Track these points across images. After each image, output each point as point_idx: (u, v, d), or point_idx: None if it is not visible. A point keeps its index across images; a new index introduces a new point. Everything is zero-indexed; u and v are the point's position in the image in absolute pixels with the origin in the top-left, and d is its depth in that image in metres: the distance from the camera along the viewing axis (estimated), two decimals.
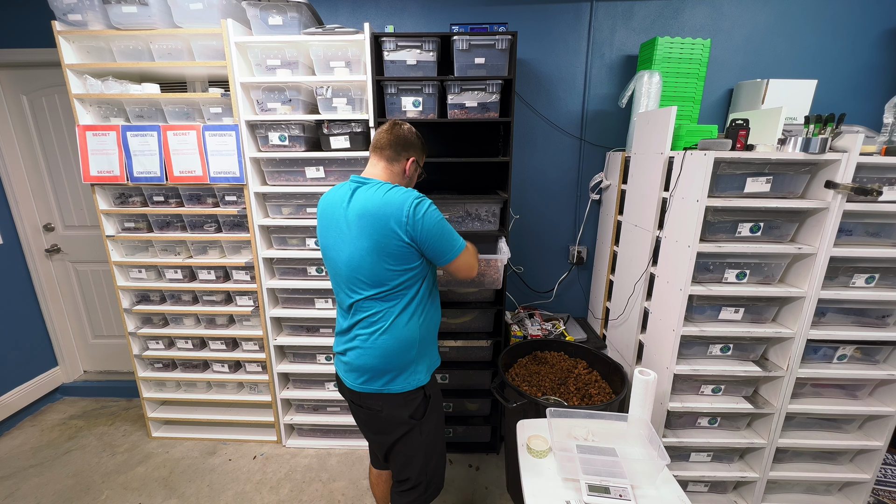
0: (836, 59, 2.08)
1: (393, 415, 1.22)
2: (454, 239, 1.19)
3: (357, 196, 1.15)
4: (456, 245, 1.18)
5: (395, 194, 1.12)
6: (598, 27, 2.10)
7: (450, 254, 1.17)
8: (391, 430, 1.25)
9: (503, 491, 1.93)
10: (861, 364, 1.61)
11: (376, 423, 1.27)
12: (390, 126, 1.22)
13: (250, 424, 2.32)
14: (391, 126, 1.22)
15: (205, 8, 1.71)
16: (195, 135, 1.83)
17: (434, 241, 1.14)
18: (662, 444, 1.20)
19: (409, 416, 1.22)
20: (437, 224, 1.13)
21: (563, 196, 2.34)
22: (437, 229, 1.13)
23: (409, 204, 1.10)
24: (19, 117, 2.37)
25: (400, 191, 1.13)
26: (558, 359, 1.97)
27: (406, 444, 1.26)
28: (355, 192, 1.16)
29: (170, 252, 2.10)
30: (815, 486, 1.79)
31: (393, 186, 1.15)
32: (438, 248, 1.15)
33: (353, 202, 1.15)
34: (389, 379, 1.19)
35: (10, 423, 2.39)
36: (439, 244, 1.15)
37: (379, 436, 1.30)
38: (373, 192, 1.13)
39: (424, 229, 1.11)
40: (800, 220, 1.49)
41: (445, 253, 1.16)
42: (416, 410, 1.23)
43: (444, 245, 1.16)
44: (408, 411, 1.22)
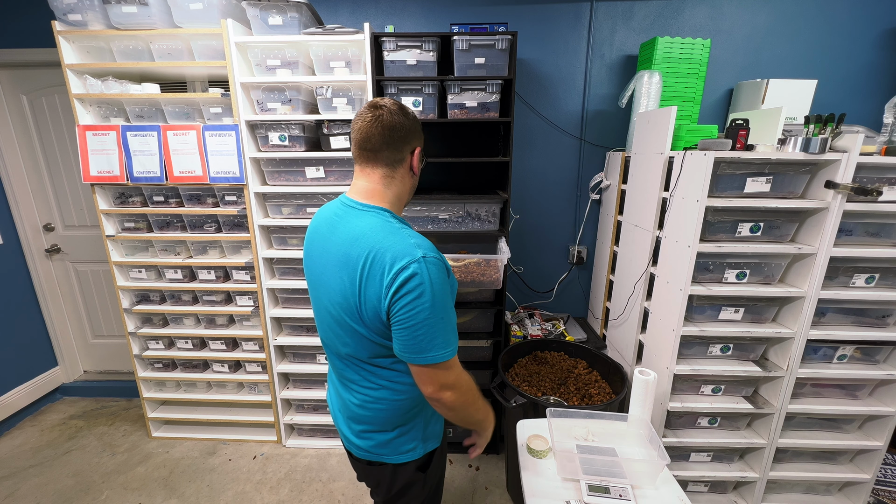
0: (836, 59, 2.08)
1: (399, 471, 1.00)
2: (444, 335, 0.81)
3: (344, 225, 0.88)
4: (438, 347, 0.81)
5: (388, 239, 0.81)
6: (598, 27, 2.10)
7: (423, 354, 0.81)
8: (393, 487, 1.02)
9: (503, 491, 1.93)
10: (861, 364, 1.61)
11: (376, 480, 1.04)
12: (373, 112, 0.86)
13: (250, 424, 2.32)
14: (374, 112, 0.86)
15: (205, 8, 1.71)
16: (195, 135, 1.83)
17: (410, 331, 0.79)
18: (662, 444, 1.20)
19: (416, 468, 1.01)
20: (434, 307, 0.78)
21: (563, 196, 2.34)
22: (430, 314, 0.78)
23: (404, 267, 0.77)
24: (19, 117, 2.37)
25: (396, 236, 0.81)
26: (558, 359, 1.97)
27: (407, 495, 1.03)
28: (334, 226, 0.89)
29: (170, 252, 2.10)
30: (815, 486, 1.79)
31: (388, 225, 0.84)
32: (408, 338, 0.80)
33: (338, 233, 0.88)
34: (398, 434, 0.96)
35: (10, 423, 2.39)
36: (416, 335, 0.79)
37: (377, 490, 1.06)
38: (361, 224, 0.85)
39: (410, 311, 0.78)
40: (800, 220, 1.49)
41: (418, 351, 0.81)
42: (424, 462, 1.02)
43: (420, 340, 0.80)
44: (416, 465, 1.00)
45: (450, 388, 0.85)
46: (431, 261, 0.79)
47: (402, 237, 0.82)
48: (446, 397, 0.85)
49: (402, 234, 0.82)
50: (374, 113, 0.86)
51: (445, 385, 0.85)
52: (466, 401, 0.89)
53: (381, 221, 0.85)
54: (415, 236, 0.84)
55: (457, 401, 0.87)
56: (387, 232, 0.83)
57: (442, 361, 0.82)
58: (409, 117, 0.90)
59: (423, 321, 0.79)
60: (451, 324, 0.84)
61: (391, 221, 0.86)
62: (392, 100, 0.90)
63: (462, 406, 0.89)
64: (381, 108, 0.87)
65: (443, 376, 0.84)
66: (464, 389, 0.88)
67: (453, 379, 0.85)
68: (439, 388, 0.84)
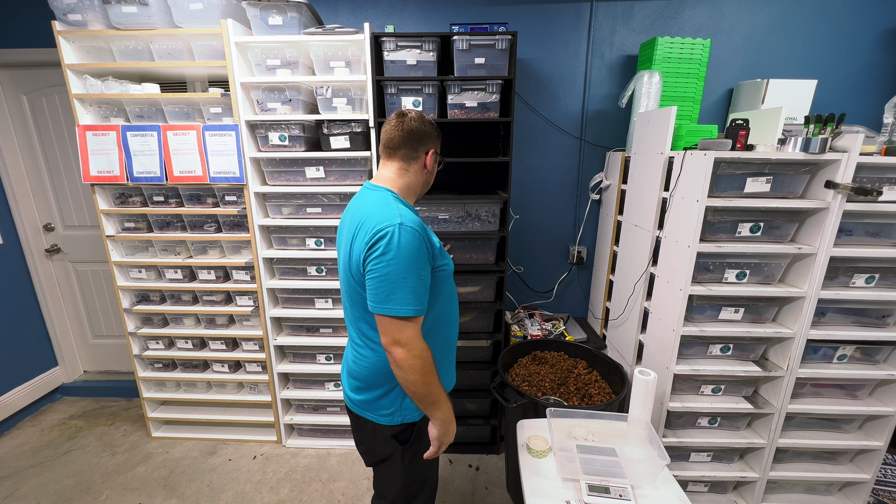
0: (836, 59, 2.08)
1: (378, 432, 1.11)
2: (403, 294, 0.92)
3: (356, 201, 1.07)
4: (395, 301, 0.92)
5: (379, 210, 0.96)
6: (598, 27, 2.10)
7: (383, 305, 0.92)
8: (374, 449, 1.14)
9: (503, 491, 1.93)
10: (861, 364, 1.61)
11: (360, 435, 1.18)
12: (398, 119, 1.07)
13: (250, 424, 2.32)
14: (399, 119, 1.07)
15: (205, 8, 1.71)
16: (195, 135, 1.83)
17: (374, 281, 0.93)
18: (662, 444, 1.20)
19: (392, 436, 1.10)
20: (397, 266, 0.91)
21: (563, 196, 2.34)
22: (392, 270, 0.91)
23: (380, 229, 0.92)
24: (19, 117, 2.37)
25: (386, 207, 0.97)
26: (558, 359, 1.97)
27: (389, 467, 1.14)
28: (357, 198, 1.07)
29: (170, 252, 2.10)
30: (815, 486, 1.79)
31: (385, 200, 1.00)
32: (374, 289, 0.93)
33: (352, 207, 1.07)
34: (381, 395, 1.08)
35: (10, 423, 2.39)
36: (379, 286, 0.92)
37: (362, 451, 1.20)
38: (367, 199, 1.03)
39: (376, 264, 0.92)
40: (800, 220, 1.50)
41: (380, 301, 0.93)
42: (402, 434, 1.10)
43: (382, 291, 0.92)
44: (392, 431, 1.10)
45: (401, 346, 0.93)
46: (406, 228, 0.92)
47: (390, 208, 0.96)
48: (397, 353, 0.94)
49: (391, 206, 0.97)
50: (399, 120, 1.06)
51: (398, 341, 0.93)
52: (415, 365, 0.94)
53: (381, 197, 1.02)
54: (402, 210, 0.97)
55: (406, 361, 0.94)
56: (381, 205, 0.98)
57: (398, 316, 0.92)
58: (426, 124, 1.08)
59: (387, 275, 0.91)
60: (416, 288, 0.93)
61: (389, 199, 1.01)
62: (416, 111, 1.09)
63: (410, 368, 0.94)
64: (406, 115, 1.07)
65: (397, 330, 0.93)
66: (415, 353, 0.94)
67: (406, 337, 0.93)
68: (392, 342, 0.94)
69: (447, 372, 1.17)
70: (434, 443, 1.07)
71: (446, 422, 1.04)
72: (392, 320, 0.93)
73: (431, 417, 1.04)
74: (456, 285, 1.18)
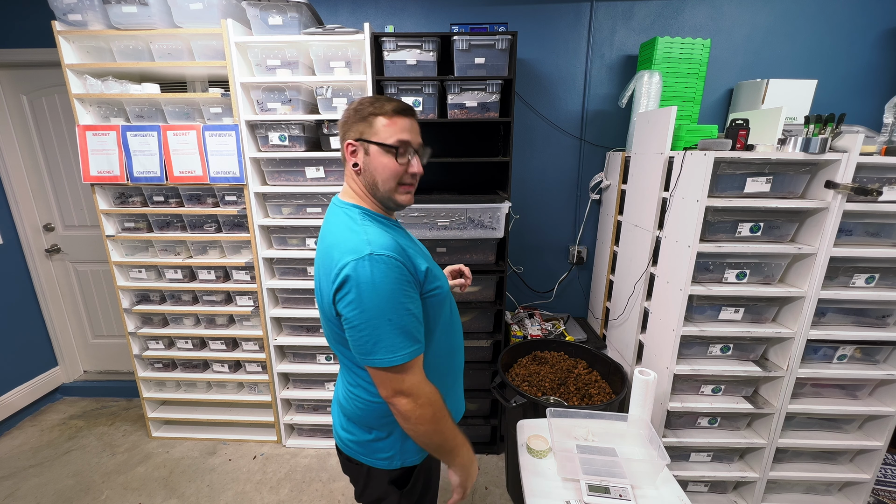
0: (836, 59, 2.08)
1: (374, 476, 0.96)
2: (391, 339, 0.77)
3: (326, 220, 0.91)
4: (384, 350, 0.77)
5: (344, 237, 0.81)
6: (598, 27, 2.10)
7: (370, 357, 0.78)
8: (367, 492, 0.99)
9: (503, 491, 1.93)
10: (861, 364, 1.61)
11: (354, 478, 1.02)
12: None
13: (250, 424, 2.31)
14: None
15: (205, 8, 1.71)
16: (195, 135, 1.83)
17: (354, 331, 0.78)
18: (662, 444, 1.20)
19: (389, 481, 0.97)
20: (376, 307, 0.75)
21: (563, 196, 2.34)
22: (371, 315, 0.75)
23: (345, 265, 0.75)
24: (19, 117, 2.37)
25: (351, 234, 0.80)
26: (558, 359, 1.97)
27: None
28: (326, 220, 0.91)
29: (170, 252, 2.10)
30: (815, 486, 1.79)
31: (350, 222, 0.84)
32: (355, 340, 0.79)
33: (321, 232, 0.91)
34: (378, 438, 0.93)
35: (10, 423, 2.39)
36: (359, 336, 0.78)
37: (357, 491, 1.02)
38: (333, 220, 0.87)
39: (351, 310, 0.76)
40: (800, 220, 1.49)
41: (365, 353, 0.78)
42: (400, 478, 0.97)
43: (365, 342, 0.77)
44: (389, 476, 0.96)
45: (404, 395, 0.80)
46: (379, 258, 0.75)
47: (356, 234, 0.80)
48: (401, 404, 0.80)
49: (358, 231, 0.80)
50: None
51: (399, 391, 0.80)
52: (424, 415, 0.81)
53: (346, 217, 0.86)
54: (370, 234, 0.80)
55: (413, 412, 0.80)
56: (346, 229, 0.82)
57: (391, 366, 0.77)
58: (350, 111, 0.87)
59: (366, 322, 0.76)
60: (406, 326, 0.78)
61: (354, 218, 0.85)
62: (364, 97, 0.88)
63: (420, 420, 0.81)
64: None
65: (396, 381, 0.79)
66: (422, 401, 0.81)
67: (408, 386, 0.79)
68: (393, 393, 0.80)
69: (455, 402, 1.03)
70: (457, 490, 0.94)
71: (467, 466, 0.91)
72: (386, 372, 0.79)
73: (450, 465, 0.91)
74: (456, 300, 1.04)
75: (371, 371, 0.81)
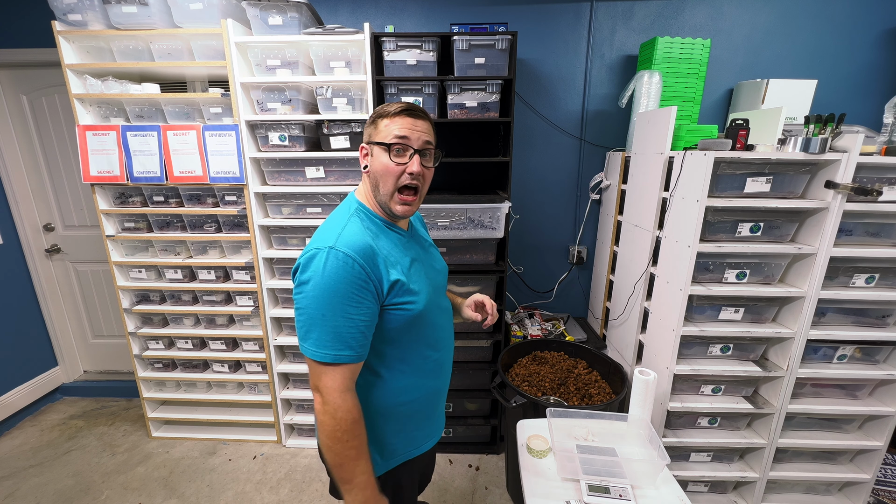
0: (836, 59, 2.08)
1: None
2: (321, 333, 0.77)
3: None
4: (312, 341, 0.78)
5: (324, 227, 0.86)
6: (598, 27, 2.10)
7: (302, 343, 0.80)
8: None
9: (503, 491, 1.93)
10: (861, 364, 1.61)
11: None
12: None
13: (250, 424, 2.31)
14: None
15: (205, 8, 1.71)
16: (195, 135, 1.83)
17: (296, 313, 0.81)
18: (662, 444, 1.20)
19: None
20: (316, 298, 0.76)
21: (563, 196, 2.34)
22: (310, 303, 0.77)
23: (307, 251, 0.80)
24: (19, 117, 2.37)
25: (331, 226, 0.84)
26: (558, 359, 1.97)
27: None
28: None
29: (170, 252, 2.10)
30: (815, 486, 1.79)
31: (339, 215, 0.88)
32: (296, 323, 0.81)
33: None
34: None
35: (10, 423, 2.39)
36: (298, 320, 0.80)
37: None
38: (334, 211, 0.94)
39: (297, 293, 0.80)
40: (800, 220, 1.49)
41: (300, 338, 0.81)
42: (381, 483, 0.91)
43: (300, 327, 0.80)
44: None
45: (318, 392, 0.80)
46: (337, 254, 0.76)
47: (334, 227, 0.83)
48: (315, 400, 0.81)
49: (337, 224, 0.84)
50: None
51: (316, 386, 0.80)
52: (324, 424, 0.78)
53: (340, 210, 0.91)
54: (348, 228, 0.82)
55: (318, 413, 0.79)
56: (331, 220, 0.87)
57: (310, 358, 0.79)
58: (369, 119, 0.90)
59: (304, 308, 0.78)
60: (339, 329, 0.77)
61: (344, 213, 0.88)
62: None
63: (321, 426, 0.78)
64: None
65: (315, 375, 0.80)
66: (329, 409, 0.78)
67: (323, 385, 0.79)
68: (312, 386, 0.81)
69: (422, 430, 0.99)
70: None
71: (356, 499, 0.81)
72: (311, 363, 0.79)
73: (341, 489, 0.82)
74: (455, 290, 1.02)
75: (305, 358, 0.82)
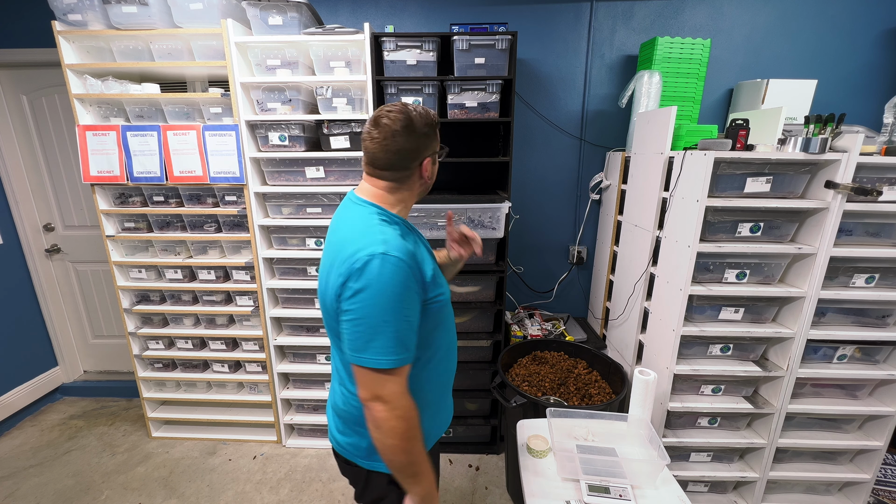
0: (836, 59, 2.08)
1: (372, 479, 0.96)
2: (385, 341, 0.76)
3: (338, 217, 0.92)
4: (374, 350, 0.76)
5: (360, 233, 0.81)
6: (598, 27, 2.10)
7: (360, 354, 0.77)
8: (367, 494, 0.98)
9: (503, 491, 1.93)
10: (861, 364, 1.61)
11: (353, 480, 1.01)
12: (380, 134, 0.84)
13: (250, 424, 2.31)
14: (381, 134, 0.84)
15: (205, 8, 1.71)
16: (195, 135, 1.83)
17: (350, 325, 0.78)
18: (662, 444, 1.20)
19: (388, 482, 0.94)
20: (377, 305, 0.75)
21: (563, 196, 2.34)
22: (371, 311, 0.76)
23: (357, 259, 0.76)
24: (19, 117, 2.37)
25: (368, 231, 0.81)
26: (558, 359, 1.97)
27: None
28: (339, 214, 0.93)
29: (170, 252, 2.10)
30: (815, 486, 1.79)
31: (368, 220, 0.84)
32: (350, 334, 0.78)
33: (333, 226, 0.92)
34: (371, 443, 0.86)
35: (10, 423, 2.39)
36: (355, 331, 0.77)
37: (356, 492, 1.02)
38: (348, 217, 0.88)
39: (352, 303, 0.77)
40: (800, 220, 1.49)
41: (356, 349, 0.78)
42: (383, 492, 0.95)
43: (358, 337, 0.77)
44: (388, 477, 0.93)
45: (382, 401, 0.78)
46: (391, 259, 0.75)
47: (373, 232, 0.80)
48: (376, 410, 0.78)
49: (374, 230, 0.81)
50: (380, 133, 0.84)
51: (378, 396, 0.78)
52: (397, 428, 0.78)
53: (365, 214, 0.86)
54: (387, 233, 0.80)
55: (386, 422, 0.78)
56: (363, 224, 0.83)
57: (377, 368, 0.76)
58: (415, 134, 0.85)
59: (364, 317, 0.76)
60: (401, 333, 0.77)
61: (373, 216, 0.85)
62: (398, 113, 0.84)
63: (390, 432, 0.78)
64: (385, 127, 0.83)
65: (377, 384, 0.78)
66: (398, 413, 0.78)
67: (388, 392, 0.78)
68: (371, 396, 0.78)
69: (444, 410, 1.03)
70: None
71: (427, 498, 0.85)
72: (371, 373, 0.77)
73: (409, 492, 0.85)
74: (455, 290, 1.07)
75: (356, 370, 0.79)
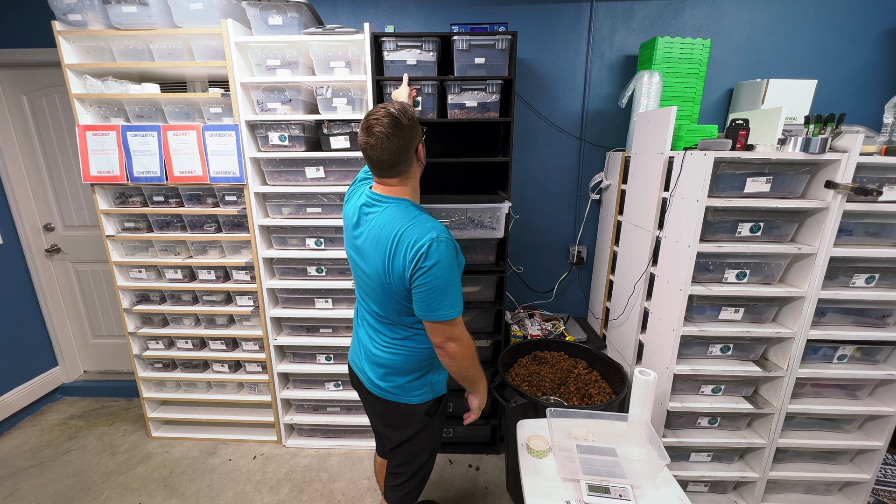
0: (836, 59, 2.08)
1: (411, 412, 1.22)
2: (453, 298, 1.05)
3: (369, 220, 1.11)
4: (446, 307, 1.04)
5: (414, 225, 1.04)
6: (598, 27, 2.10)
7: (434, 312, 1.05)
8: (407, 426, 1.24)
9: (503, 491, 1.93)
10: (861, 364, 1.61)
11: (391, 418, 1.26)
12: (377, 141, 1.02)
13: (250, 424, 2.32)
14: (377, 141, 1.02)
15: (205, 8, 1.71)
16: (195, 135, 1.83)
17: (425, 294, 1.03)
18: (662, 444, 1.20)
19: (424, 412, 1.23)
20: (444, 276, 1.02)
21: (563, 196, 2.34)
22: (441, 280, 1.02)
23: (423, 244, 1.00)
24: (19, 117, 2.37)
25: (418, 222, 1.04)
26: (558, 359, 1.97)
27: (418, 440, 1.26)
28: (367, 216, 1.12)
29: (170, 252, 2.10)
30: (815, 486, 1.79)
31: (412, 213, 1.07)
32: (424, 300, 1.04)
33: (362, 225, 1.12)
34: (414, 378, 1.19)
35: (10, 423, 2.39)
36: (430, 297, 1.03)
37: (392, 430, 1.27)
38: (392, 214, 1.07)
39: (425, 278, 1.01)
40: (800, 220, 1.49)
41: (431, 310, 1.05)
42: (431, 408, 1.25)
43: (432, 301, 1.04)
44: (424, 408, 1.23)
45: (454, 340, 1.08)
46: (443, 241, 1.02)
47: (420, 222, 1.04)
48: (450, 347, 1.09)
49: (420, 220, 1.05)
50: (377, 140, 1.01)
51: (451, 337, 1.08)
52: (466, 354, 1.11)
53: (403, 210, 1.08)
54: (430, 220, 1.06)
55: (458, 352, 1.09)
56: (409, 218, 1.05)
57: (449, 319, 1.05)
58: (404, 130, 1.03)
59: (435, 287, 1.02)
60: (457, 290, 1.05)
61: (410, 209, 1.08)
62: (384, 117, 1.01)
63: (462, 357, 1.11)
64: (378, 134, 1.01)
65: (449, 330, 1.07)
66: (465, 343, 1.10)
67: (457, 332, 1.08)
68: (446, 339, 1.08)
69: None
70: (476, 410, 1.26)
71: (484, 392, 1.24)
72: (443, 324, 1.06)
73: (474, 392, 1.22)
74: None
75: (429, 324, 1.07)
